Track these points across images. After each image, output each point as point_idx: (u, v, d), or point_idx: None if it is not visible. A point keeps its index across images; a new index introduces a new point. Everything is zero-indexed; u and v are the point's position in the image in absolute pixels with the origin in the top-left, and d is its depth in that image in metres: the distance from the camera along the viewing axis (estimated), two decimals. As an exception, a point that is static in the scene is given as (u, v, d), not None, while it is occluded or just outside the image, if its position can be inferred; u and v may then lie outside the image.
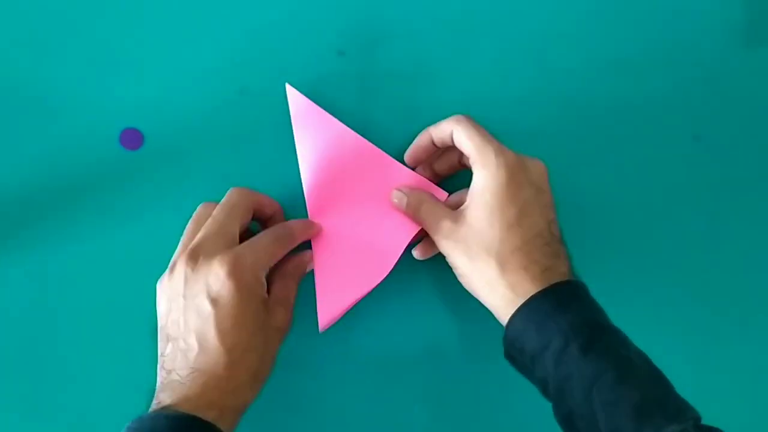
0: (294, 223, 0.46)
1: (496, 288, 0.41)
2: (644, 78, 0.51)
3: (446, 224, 0.43)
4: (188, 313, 0.40)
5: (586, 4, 0.51)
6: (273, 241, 0.43)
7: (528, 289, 0.40)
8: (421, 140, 0.47)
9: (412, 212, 0.46)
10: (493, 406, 0.49)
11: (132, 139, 0.48)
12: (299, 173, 0.48)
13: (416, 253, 0.48)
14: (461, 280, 0.44)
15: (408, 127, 0.49)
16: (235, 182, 0.45)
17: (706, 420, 0.37)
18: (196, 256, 0.41)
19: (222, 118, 0.49)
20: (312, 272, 0.47)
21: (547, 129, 0.50)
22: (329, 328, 0.46)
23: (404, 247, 0.47)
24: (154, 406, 0.39)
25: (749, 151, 0.52)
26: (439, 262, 0.46)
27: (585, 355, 0.37)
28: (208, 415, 0.38)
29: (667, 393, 0.38)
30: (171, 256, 0.43)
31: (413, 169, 0.48)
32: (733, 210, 0.51)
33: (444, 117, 0.47)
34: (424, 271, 0.49)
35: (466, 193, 0.44)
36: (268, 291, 0.43)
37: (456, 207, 0.44)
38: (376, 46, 0.50)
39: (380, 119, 0.49)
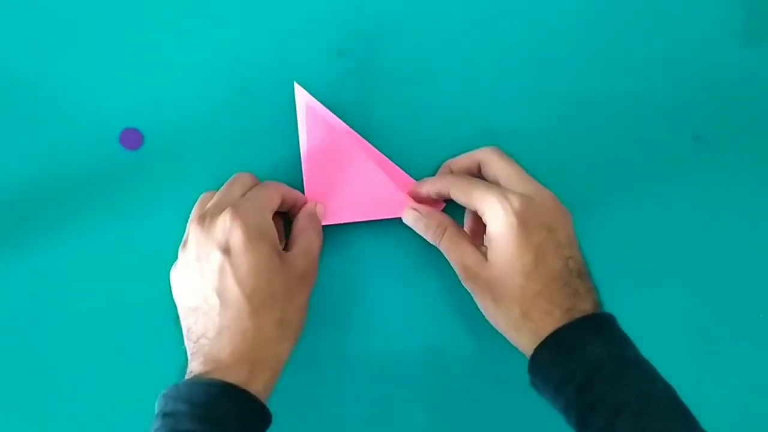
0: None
1: (522, 330, 0.42)
2: (644, 78, 0.51)
3: (471, 263, 0.43)
4: (204, 274, 0.41)
5: (587, 4, 0.51)
6: (261, 188, 0.45)
7: (552, 331, 0.40)
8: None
9: (431, 236, 0.46)
10: (493, 406, 0.49)
11: (132, 139, 0.48)
12: (300, 174, 0.48)
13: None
14: (486, 316, 0.44)
15: (408, 127, 0.49)
16: (235, 182, 0.45)
17: (706, 422, 0.37)
18: (203, 219, 0.42)
19: (222, 118, 0.49)
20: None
21: (547, 129, 0.50)
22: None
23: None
24: (187, 375, 0.40)
25: (749, 151, 0.52)
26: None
27: (609, 387, 0.38)
28: (240, 373, 0.39)
29: (689, 428, 0.38)
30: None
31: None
32: (734, 210, 0.51)
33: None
34: (425, 271, 0.49)
35: (471, 218, 0.45)
36: (290, 249, 0.44)
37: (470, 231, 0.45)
38: (376, 46, 0.50)
39: (380, 119, 0.49)
